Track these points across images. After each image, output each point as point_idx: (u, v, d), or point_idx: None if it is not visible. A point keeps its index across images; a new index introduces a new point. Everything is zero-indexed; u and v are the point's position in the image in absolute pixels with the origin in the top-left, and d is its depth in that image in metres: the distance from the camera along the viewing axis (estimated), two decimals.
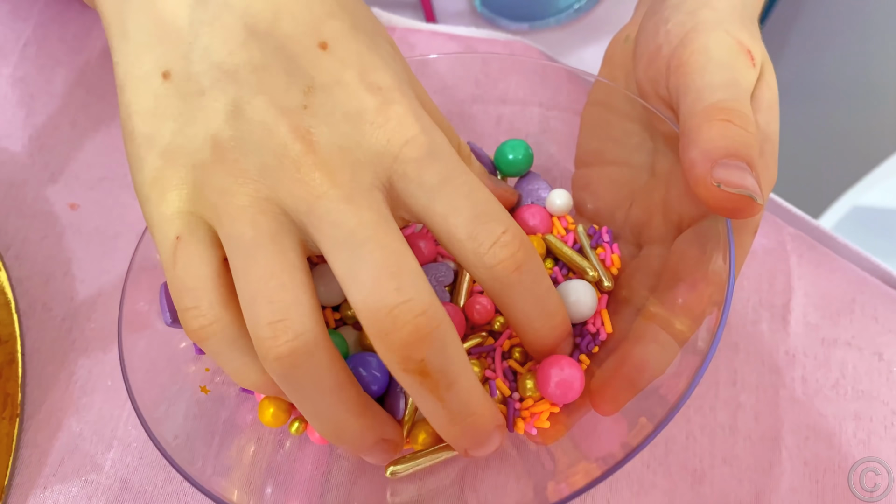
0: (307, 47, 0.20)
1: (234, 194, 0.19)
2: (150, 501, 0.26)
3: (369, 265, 0.18)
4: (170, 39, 0.20)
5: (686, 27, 0.23)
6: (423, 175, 0.20)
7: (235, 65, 0.19)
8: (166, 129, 0.20)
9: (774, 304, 0.31)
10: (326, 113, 0.19)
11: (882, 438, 0.29)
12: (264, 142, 0.19)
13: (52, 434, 0.27)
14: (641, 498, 0.27)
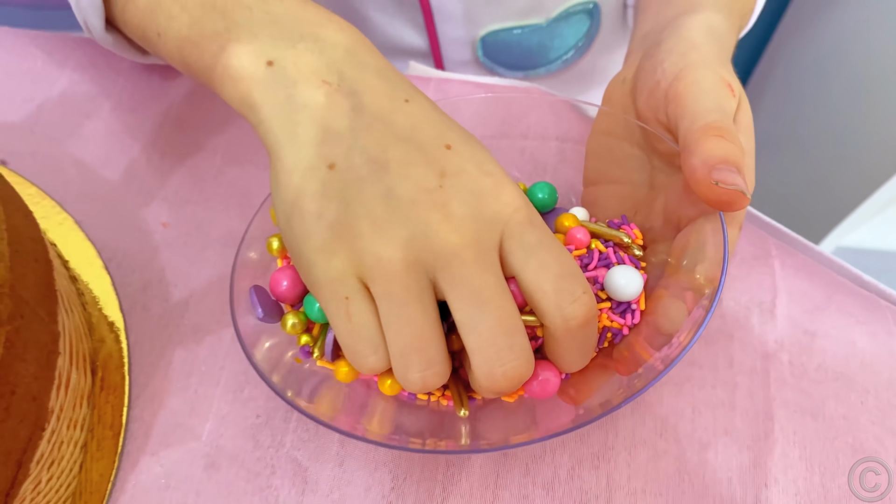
0: (437, 147, 0.26)
1: (389, 260, 0.24)
2: (241, 464, 0.31)
3: (489, 322, 0.24)
4: (334, 140, 0.26)
5: (679, 66, 0.30)
6: (525, 236, 0.25)
7: (387, 159, 0.25)
8: (332, 208, 0.25)
9: (763, 301, 0.36)
10: (456, 192, 0.25)
11: (860, 412, 0.34)
12: (411, 215, 0.25)
13: (155, 411, 0.32)
14: (656, 462, 0.32)
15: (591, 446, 0.32)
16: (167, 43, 0.30)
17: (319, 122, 0.26)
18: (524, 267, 0.25)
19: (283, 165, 0.26)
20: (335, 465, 0.31)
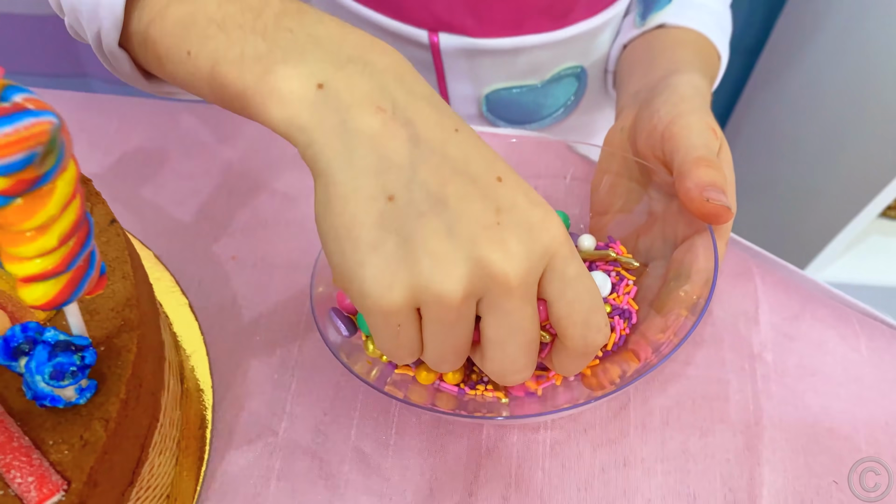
0: (490, 180, 0.27)
1: (449, 296, 0.26)
2: (313, 454, 0.36)
3: (515, 345, 0.28)
4: (393, 171, 0.26)
5: (672, 114, 0.36)
6: (566, 270, 0.27)
7: (446, 194, 0.26)
8: (391, 241, 0.26)
9: (747, 310, 0.42)
10: (513, 227, 0.26)
11: (834, 401, 0.40)
12: (472, 253, 0.26)
13: (236, 413, 0.37)
14: (666, 444, 0.37)
15: (609, 433, 0.38)
16: (198, 62, 0.29)
17: (378, 151, 0.27)
18: (560, 297, 0.28)
19: (336, 191, 0.27)
20: (393, 453, 0.36)
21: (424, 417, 0.37)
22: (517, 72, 0.57)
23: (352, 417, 0.37)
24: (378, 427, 0.37)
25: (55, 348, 0.27)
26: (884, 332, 0.43)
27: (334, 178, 0.27)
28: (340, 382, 0.38)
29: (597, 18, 0.54)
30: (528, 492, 0.35)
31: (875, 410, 0.39)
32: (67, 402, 0.27)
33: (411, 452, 0.36)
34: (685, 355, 0.41)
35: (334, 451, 0.36)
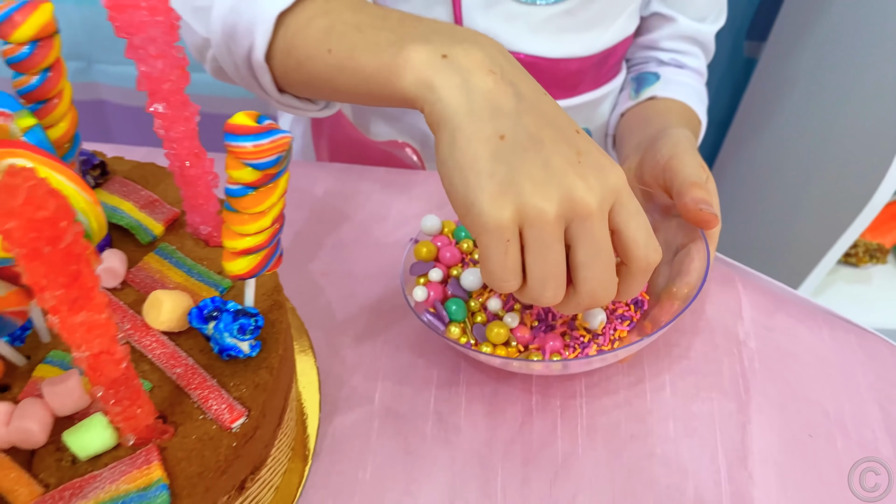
0: (572, 131, 0.36)
1: (546, 213, 0.33)
2: (404, 418, 0.45)
3: (601, 263, 0.36)
4: (503, 117, 0.34)
5: (671, 153, 0.48)
6: (629, 205, 0.36)
7: (542, 137, 0.35)
8: (502, 169, 0.34)
9: (733, 309, 0.53)
10: (590, 166, 0.35)
11: (805, 377, 0.50)
12: (562, 181, 0.34)
13: (339, 388, 0.46)
14: (674, 407, 0.47)
15: (629, 399, 0.48)
16: (338, 56, 0.39)
17: (491, 102, 0.35)
18: (627, 225, 0.36)
19: (461, 134, 0.35)
20: (464, 414, 0.46)
21: (486, 389, 0.47)
22: None
23: (430, 389, 0.47)
24: (451, 396, 0.47)
25: (236, 314, 0.37)
26: (842, 324, 0.54)
27: (459, 124, 0.35)
28: (419, 363, 0.48)
29: (599, 91, 0.67)
30: (567, 439, 0.45)
31: (836, 382, 0.50)
32: (245, 354, 0.37)
33: (477, 414, 0.46)
34: (686, 343, 0.51)
35: (418, 413, 0.46)
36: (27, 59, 0.35)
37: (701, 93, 0.69)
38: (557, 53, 0.64)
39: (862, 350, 0.52)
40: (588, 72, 0.67)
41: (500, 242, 0.35)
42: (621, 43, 0.68)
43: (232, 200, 0.32)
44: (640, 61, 0.73)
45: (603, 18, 0.64)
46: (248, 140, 0.29)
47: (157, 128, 0.37)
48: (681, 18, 0.68)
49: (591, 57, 0.65)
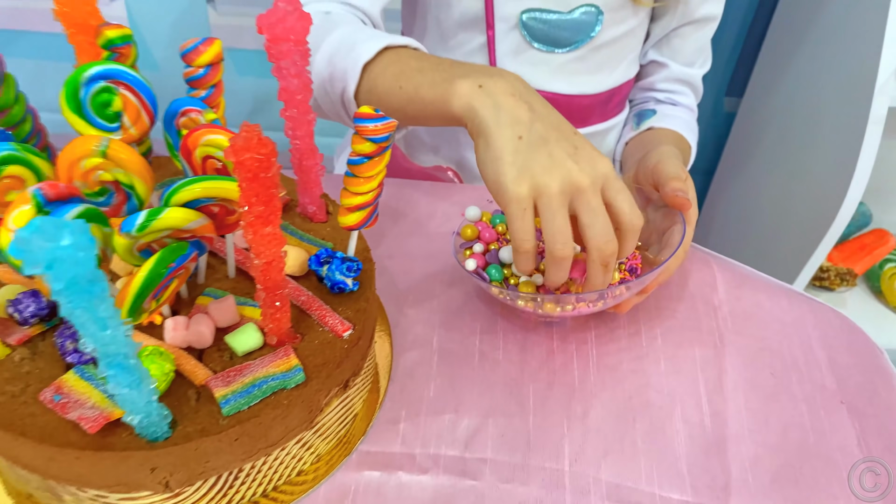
0: (570, 134, 0.51)
1: (552, 188, 0.48)
2: (455, 356, 0.59)
3: (600, 223, 0.49)
4: (520, 124, 0.50)
5: (658, 159, 0.63)
6: (616, 184, 0.50)
7: (548, 137, 0.50)
8: (520, 159, 0.49)
9: (709, 283, 0.67)
10: (584, 157, 0.49)
11: (769, 335, 0.64)
12: (562, 166, 0.48)
13: (404, 335, 0.60)
14: (665, 354, 0.61)
15: (629, 345, 0.61)
16: (406, 90, 0.56)
17: (512, 115, 0.51)
18: (615, 199, 0.50)
19: (491, 138, 0.50)
20: (501, 352, 0.59)
21: (518, 335, 0.61)
22: None
23: (475, 335, 0.61)
24: (491, 340, 0.60)
25: (343, 259, 0.51)
26: (798, 296, 0.68)
27: (490, 131, 0.51)
28: (465, 318, 0.62)
29: (605, 124, 0.83)
30: (581, 371, 0.58)
31: (792, 337, 0.64)
32: (349, 288, 0.51)
33: (511, 353, 0.59)
34: (673, 308, 0.65)
35: (466, 352, 0.59)
36: (202, 78, 0.50)
37: (691, 124, 0.85)
38: (571, 91, 0.80)
39: (812, 314, 0.66)
40: (596, 107, 0.83)
41: (519, 210, 0.50)
42: (624, 84, 0.84)
43: (352, 168, 0.47)
44: (640, 101, 0.89)
45: (608, 64, 0.81)
46: (370, 122, 0.45)
47: (287, 129, 0.52)
48: (672, 65, 0.84)
49: (598, 95, 0.82)
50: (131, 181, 0.45)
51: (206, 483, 0.45)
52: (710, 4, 0.80)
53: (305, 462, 0.50)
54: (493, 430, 0.54)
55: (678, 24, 0.81)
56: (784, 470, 0.54)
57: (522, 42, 0.78)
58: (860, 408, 0.59)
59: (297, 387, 0.45)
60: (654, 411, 0.57)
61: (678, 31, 0.82)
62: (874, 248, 1.29)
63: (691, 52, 0.84)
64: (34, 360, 0.46)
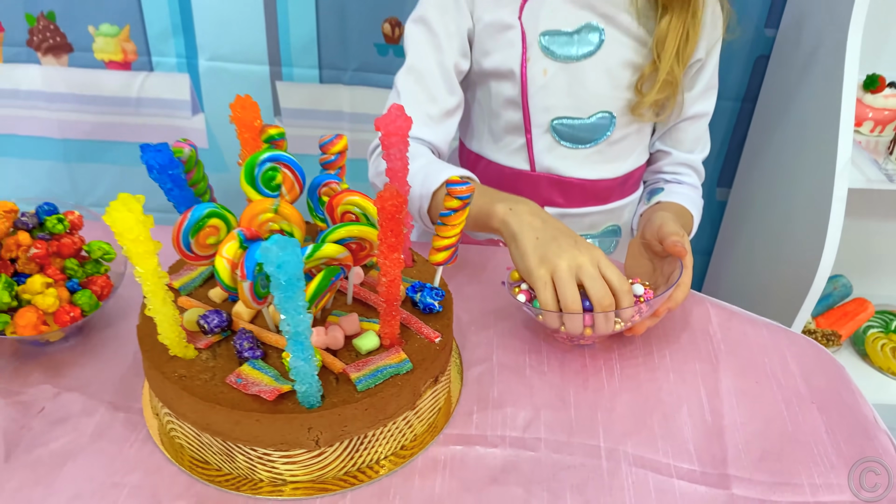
0: (572, 234, 0.75)
1: (562, 267, 0.71)
2: (511, 368, 0.77)
3: (599, 286, 0.70)
4: (537, 230, 0.74)
5: (661, 222, 0.84)
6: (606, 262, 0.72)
7: (556, 236, 0.74)
8: (539, 251, 0.72)
9: (704, 317, 0.85)
10: (581, 246, 0.72)
11: (754, 356, 0.81)
12: (567, 252, 0.72)
13: (471, 353, 0.78)
14: (672, 368, 0.78)
15: (644, 362, 0.79)
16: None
17: (532, 225, 0.75)
18: (606, 273, 0.71)
19: (519, 241, 0.74)
20: (546, 367, 0.77)
21: (558, 354, 0.79)
22: (583, 227, 1.05)
23: (524, 354, 0.79)
24: (537, 357, 0.78)
25: (432, 288, 0.70)
26: (776, 328, 0.86)
27: (518, 236, 0.75)
28: (515, 341, 0.80)
29: (622, 201, 1.05)
30: (608, 379, 0.76)
31: (773, 356, 0.81)
32: (437, 308, 0.70)
33: (553, 366, 0.77)
34: (677, 336, 0.83)
35: (519, 366, 0.77)
36: (334, 161, 0.71)
37: (694, 198, 1.05)
38: (594, 177, 1.02)
39: (787, 340, 0.84)
40: (615, 188, 1.04)
41: (542, 284, 0.72)
42: (636, 170, 1.06)
43: (443, 218, 0.67)
44: (651, 182, 1.10)
45: (621, 155, 1.02)
46: (458, 185, 0.65)
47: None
48: (675, 152, 1.06)
49: (616, 178, 1.03)
50: (292, 230, 0.65)
51: (342, 444, 0.63)
52: (702, 104, 1.02)
53: (407, 438, 0.67)
54: (543, 418, 0.71)
55: (677, 120, 1.03)
56: (769, 450, 0.70)
57: (553, 142, 0.99)
58: (826, 406, 0.76)
59: (406, 373, 0.63)
60: (666, 408, 0.74)
61: (678, 125, 1.04)
62: (856, 314, 1.47)
63: (690, 141, 1.05)
64: (216, 358, 0.64)
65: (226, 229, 0.64)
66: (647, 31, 0.95)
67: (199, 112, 1.55)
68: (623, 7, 0.94)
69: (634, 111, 0.98)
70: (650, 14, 0.94)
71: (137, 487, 0.63)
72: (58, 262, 0.77)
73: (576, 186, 1.02)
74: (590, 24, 0.94)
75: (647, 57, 0.95)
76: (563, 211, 1.04)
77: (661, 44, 0.93)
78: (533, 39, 0.94)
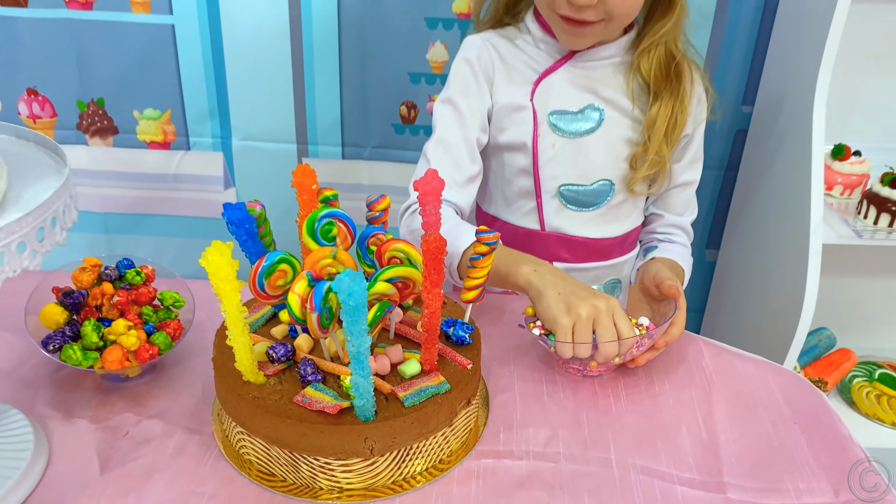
0: (588, 287, 0.87)
1: (583, 316, 0.82)
2: (530, 395, 0.88)
3: (608, 334, 0.83)
4: (559, 287, 0.86)
5: (656, 270, 0.98)
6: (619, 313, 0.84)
7: (574, 290, 0.86)
8: (563, 304, 0.84)
9: (697, 353, 0.97)
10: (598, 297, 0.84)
11: (742, 385, 0.93)
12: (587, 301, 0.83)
13: (495, 383, 0.89)
14: (670, 395, 0.90)
15: (646, 388, 0.90)
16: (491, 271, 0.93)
17: (554, 284, 0.87)
18: (618, 322, 0.83)
19: (544, 295, 0.86)
20: (562, 394, 0.88)
21: (571, 384, 0.90)
22: (588, 280, 1.18)
23: (542, 384, 0.90)
24: (553, 386, 0.89)
25: (463, 323, 0.82)
26: (762, 362, 0.97)
27: (542, 293, 0.87)
28: (533, 373, 0.91)
29: (622, 258, 1.18)
30: (616, 402, 0.87)
31: (758, 384, 0.93)
32: (468, 341, 0.81)
33: (567, 393, 0.88)
34: (674, 369, 0.94)
35: (538, 393, 0.88)
36: (379, 217, 0.84)
37: (684, 255, 1.18)
38: (597, 236, 1.15)
39: (772, 371, 0.95)
40: (615, 246, 1.17)
41: (566, 330, 0.85)
42: (634, 230, 1.19)
43: (473, 262, 0.80)
44: (647, 241, 1.23)
45: (620, 217, 1.16)
46: (486, 234, 0.78)
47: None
48: (667, 215, 1.20)
49: (615, 237, 1.17)
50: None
51: (391, 454, 0.73)
52: (689, 173, 1.17)
53: (444, 452, 0.78)
54: (561, 436, 0.82)
55: (667, 188, 1.17)
56: (758, 461, 0.81)
57: (561, 205, 1.13)
58: (807, 425, 0.87)
59: (444, 393, 0.75)
60: (667, 427, 0.85)
61: (668, 192, 1.18)
62: (841, 364, 1.58)
63: (680, 205, 1.19)
64: (282, 383, 0.76)
65: (292, 273, 0.77)
66: (641, 111, 1.10)
67: (231, 186, 1.69)
68: (620, 91, 1.09)
69: (629, 186, 1.12)
70: (644, 98, 1.10)
71: (213, 496, 0.73)
72: (136, 308, 0.89)
73: (581, 244, 1.16)
74: (592, 105, 1.10)
75: (643, 133, 1.10)
76: (570, 266, 1.16)
77: (651, 127, 1.08)
78: (543, 118, 1.09)
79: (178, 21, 1.53)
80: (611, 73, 1.09)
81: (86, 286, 0.88)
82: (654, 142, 1.08)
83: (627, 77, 1.09)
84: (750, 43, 1.51)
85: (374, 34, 1.52)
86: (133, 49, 1.55)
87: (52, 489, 0.73)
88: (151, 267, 0.93)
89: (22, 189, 0.67)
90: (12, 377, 0.88)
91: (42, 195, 0.64)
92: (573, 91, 1.09)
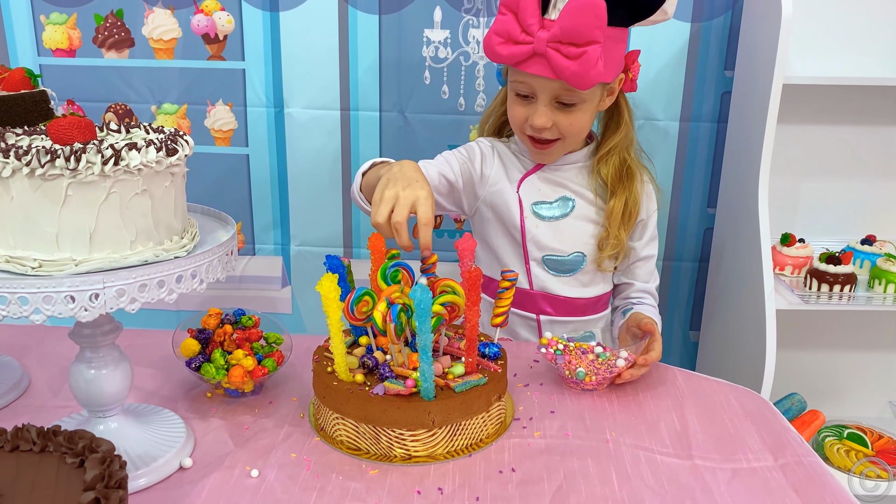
0: (407, 183, 1.34)
1: (386, 199, 1.36)
2: (544, 403, 1.16)
3: (400, 214, 1.26)
4: (389, 174, 1.41)
5: (638, 317, 1.29)
6: (419, 207, 1.28)
7: (397, 183, 1.34)
8: (382, 186, 1.35)
9: (672, 380, 1.26)
10: (407, 189, 1.35)
11: (712, 402, 1.21)
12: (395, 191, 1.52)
13: (517, 400, 1.18)
14: (650, 405, 1.18)
15: (635, 400, 1.18)
16: (370, 183, 1.17)
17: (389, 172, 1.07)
18: (417, 209, 1.35)
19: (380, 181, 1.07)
20: (570, 404, 1.16)
21: (574, 397, 1.18)
22: (567, 330, 1.48)
23: (553, 395, 1.18)
24: (562, 397, 1.18)
25: (493, 344, 1.12)
26: (729, 385, 1.26)
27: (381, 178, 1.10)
28: (546, 388, 1.20)
29: (596, 315, 1.50)
30: (611, 413, 1.15)
31: (722, 401, 1.21)
32: (498, 355, 1.11)
33: (573, 400, 1.17)
34: (654, 389, 1.23)
35: (549, 401, 1.16)
36: (430, 268, 1.17)
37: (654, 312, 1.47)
38: (575, 296, 1.47)
39: (733, 392, 1.24)
40: (590, 306, 1.49)
41: (376, 205, 1.17)
42: (604, 294, 1.51)
43: (499, 294, 1.11)
44: (622, 305, 1.53)
45: (593, 282, 1.48)
46: (509, 272, 1.10)
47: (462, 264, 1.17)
48: (636, 283, 1.52)
49: (590, 298, 1.48)
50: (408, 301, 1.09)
51: (445, 428, 1.02)
52: (648, 249, 1.50)
53: (483, 433, 1.06)
54: (569, 426, 1.10)
55: (630, 263, 1.51)
56: (718, 441, 1.08)
57: (544, 271, 1.46)
58: (756, 419, 1.14)
59: (482, 385, 1.04)
60: (650, 422, 1.13)
61: (634, 265, 1.51)
62: (811, 422, 1.83)
63: (645, 274, 1.52)
64: (366, 381, 1.06)
65: (372, 302, 1.08)
66: (603, 202, 1.46)
67: (287, 285, 2.03)
68: (586, 187, 1.46)
69: (598, 263, 1.46)
70: (604, 194, 1.46)
71: (318, 463, 1.01)
72: (247, 344, 1.20)
73: (562, 302, 1.47)
74: (565, 196, 1.46)
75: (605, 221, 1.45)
76: (553, 318, 1.48)
77: (609, 216, 1.44)
78: (527, 206, 1.45)
79: (252, 152, 1.93)
80: (577, 173, 1.46)
81: (211, 328, 1.19)
82: (613, 227, 1.43)
83: (590, 177, 1.45)
84: (709, 160, 1.90)
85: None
86: (213, 174, 1.94)
87: (205, 454, 1.01)
88: (257, 317, 1.24)
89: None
90: (157, 395, 1.17)
91: (220, 239, 0.98)
92: (549, 187, 1.46)
